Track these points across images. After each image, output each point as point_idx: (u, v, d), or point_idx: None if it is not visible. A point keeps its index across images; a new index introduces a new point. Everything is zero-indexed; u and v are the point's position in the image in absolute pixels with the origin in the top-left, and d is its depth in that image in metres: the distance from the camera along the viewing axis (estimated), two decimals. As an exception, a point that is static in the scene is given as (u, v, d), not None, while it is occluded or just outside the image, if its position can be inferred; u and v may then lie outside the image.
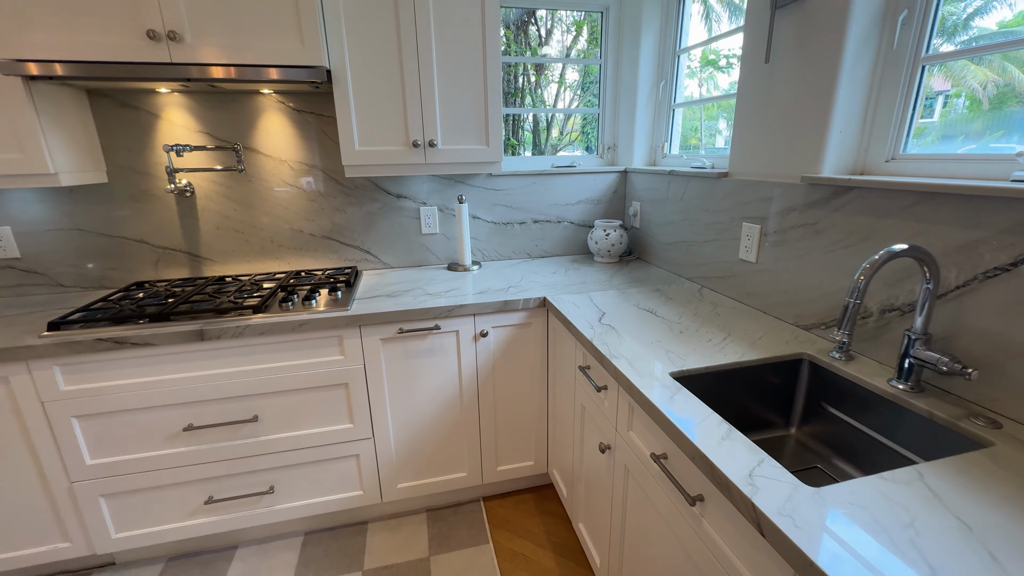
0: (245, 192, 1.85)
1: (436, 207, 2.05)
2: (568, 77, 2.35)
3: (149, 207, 1.78)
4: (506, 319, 1.63)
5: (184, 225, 1.83)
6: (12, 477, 1.40)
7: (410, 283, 1.82)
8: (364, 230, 2.00)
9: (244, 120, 1.78)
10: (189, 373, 1.44)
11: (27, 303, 1.67)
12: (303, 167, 1.87)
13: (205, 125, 1.75)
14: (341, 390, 1.57)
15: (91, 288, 1.81)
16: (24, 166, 1.43)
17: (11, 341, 1.30)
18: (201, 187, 1.81)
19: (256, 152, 1.82)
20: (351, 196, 1.95)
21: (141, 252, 1.82)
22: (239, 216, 1.86)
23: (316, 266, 1.99)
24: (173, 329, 1.37)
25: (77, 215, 1.74)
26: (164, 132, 1.73)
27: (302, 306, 1.54)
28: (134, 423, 1.44)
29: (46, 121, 1.44)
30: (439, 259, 2.12)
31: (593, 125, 2.38)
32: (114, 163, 1.72)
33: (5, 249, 1.70)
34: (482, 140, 1.74)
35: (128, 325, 1.39)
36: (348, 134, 1.61)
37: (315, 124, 1.84)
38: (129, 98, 1.67)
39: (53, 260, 1.76)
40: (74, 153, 1.55)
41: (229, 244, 1.88)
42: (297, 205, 1.91)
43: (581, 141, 2.47)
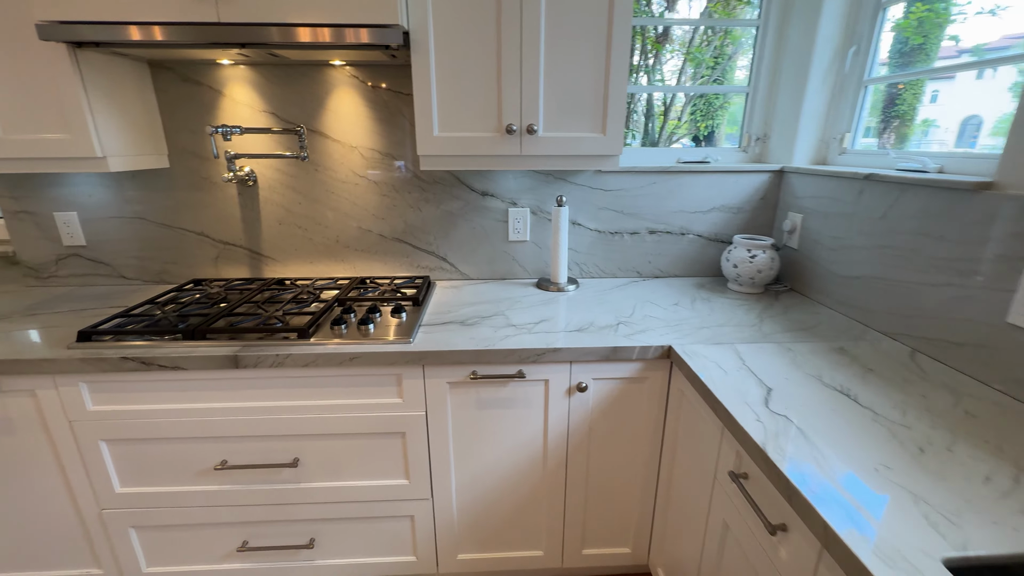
0: (310, 183, 1.59)
1: (528, 209, 1.65)
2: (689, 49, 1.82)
3: (210, 197, 1.58)
4: (613, 370, 1.21)
5: (245, 218, 1.61)
6: (45, 495, 1.26)
7: (490, 304, 1.46)
8: (441, 233, 1.67)
9: (312, 98, 1.51)
10: (223, 403, 1.19)
11: (86, 295, 1.54)
12: (376, 156, 1.57)
13: (270, 103, 1.50)
14: (396, 440, 1.25)
15: (151, 282, 1.67)
16: (68, 148, 1.25)
17: (37, 351, 1.13)
18: (264, 176, 1.57)
19: (324, 136, 1.54)
20: (428, 192, 1.62)
21: (201, 246, 1.64)
22: (303, 210, 1.61)
23: (384, 272, 1.70)
24: (205, 352, 1.13)
25: (139, 203, 1.58)
26: (227, 111, 1.50)
27: (357, 331, 1.23)
28: (164, 454, 1.23)
29: (95, 96, 1.25)
30: (527, 272, 1.73)
31: (703, 111, 1.84)
32: (175, 146, 1.53)
33: (72, 236, 1.60)
34: (596, 126, 1.31)
35: (160, 341, 1.17)
36: (426, 115, 1.26)
37: (393, 104, 1.52)
38: (191, 71, 1.46)
39: (116, 250, 1.63)
40: (129, 134, 1.37)
41: (291, 242, 1.64)
42: (366, 200, 1.62)
43: (686, 130, 1.94)
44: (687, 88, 1.86)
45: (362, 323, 1.25)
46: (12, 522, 1.28)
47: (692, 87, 1.85)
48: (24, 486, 1.24)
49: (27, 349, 1.15)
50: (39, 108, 1.22)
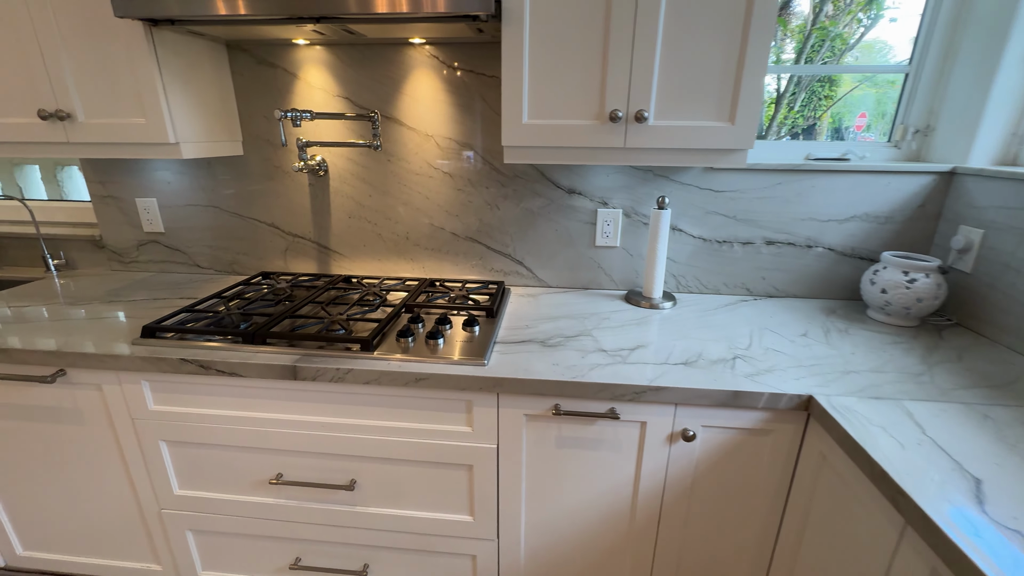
0: (382, 174, 1.46)
1: (620, 210, 1.43)
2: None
3: (281, 187, 1.51)
4: (729, 417, 0.97)
5: (315, 210, 1.52)
6: (110, 487, 1.24)
7: (574, 320, 1.26)
8: (519, 234, 1.49)
9: (388, 81, 1.37)
10: (280, 414, 1.10)
11: (161, 283, 1.53)
12: (452, 146, 1.41)
13: (344, 87, 1.39)
14: (462, 472, 1.10)
15: (223, 272, 1.63)
16: (143, 133, 1.20)
17: (104, 345, 1.09)
18: (335, 166, 1.47)
19: (398, 123, 1.41)
20: (508, 188, 1.44)
21: (271, 238, 1.57)
22: (373, 204, 1.50)
23: (455, 274, 1.55)
24: (263, 360, 1.03)
25: (213, 191, 1.54)
26: (301, 96, 1.41)
27: (425, 345, 1.08)
28: (221, 460, 1.16)
29: (170, 79, 1.19)
30: (613, 282, 1.51)
31: (804, 100, 1.51)
32: (250, 133, 1.46)
33: (151, 222, 1.59)
34: (722, 113, 1.06)
35: (220, 342, 1.08)
36: (515, 100, 1.07)
37: (474, 87, 1.36)
38: (267, 53, 1.38)
39: (191, 238, 1.60)
40: (203, 120, 1.30)
41: (360, 237, 1.54)
42: (441, 195, 1.47)
43: (786, 122, 1.62)
44: (846, 68, 1.53)
45: (431, 336, 1.10)
46: (80, 509, 1.28)
47: (848, 67, 1.53)
48: (92, 475, 1.23)
49: (96, 341, 1.11)
50: (117, 92, 1.18)
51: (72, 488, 1.25)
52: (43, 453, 1.22)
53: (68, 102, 1.19)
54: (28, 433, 1.20)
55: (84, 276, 1.61)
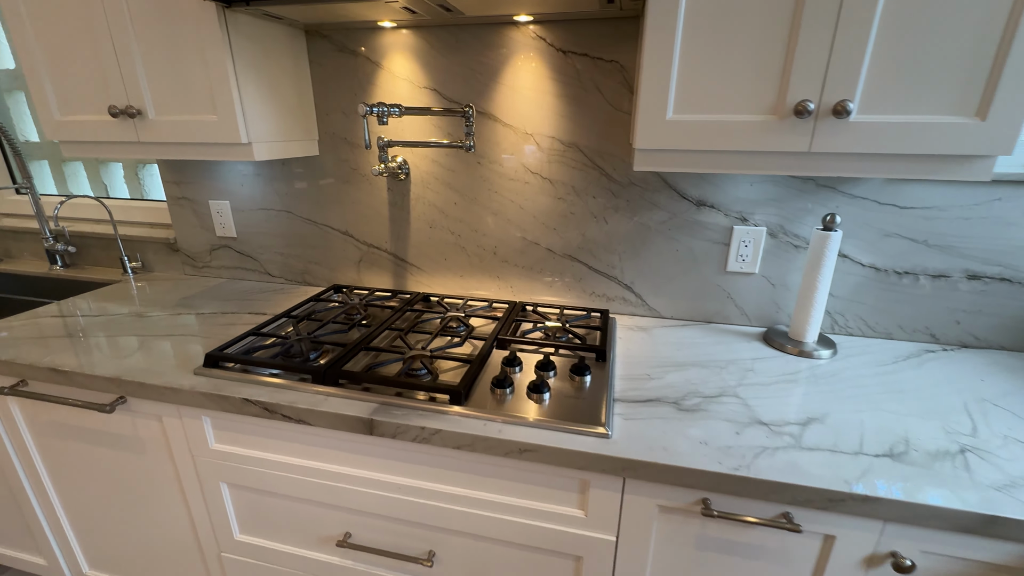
0: (471, 179, 1.26)
1: (764, 229, 1.13)
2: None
3: (358, 191, 1.34)
4: (970, 547, 0.68)
5: (393, 218, 1.34)
6: (170, 521, 1.13)
7: (707, 368, 0.99)
8: (629, 253, 1.23)
9: (484, 69, 1.15)
10: (352, 469, 0.92)
11: (231, 292, 1.42)
12: (556, 147, 1.18)
13: (433, 77, 1.19)
14: (568, 563, 0.87)
15: (293, 282, 1.51)
16: (214, 132, 1.06)
17: (164, 375, 0.96)
18: (418, 168, 1.28)
19: (493, 119, 1.19)
20: (620, 198, 1.19)
21: (345, 248, 1.42)
22: (459, 213, 1.29)
23: (549, 298, 1.32)
24: (335, 407, 0.85)
25: (286, 195, 1.40)
26: (384, 87, 1.22)
27: (527, 398, 0.86)
28: (286, 511, 1.01)
29: (244, 69, 1.04)
30: (746, 317, 1.22)
31: None
32: (326, 130, 1.30)
33: (224, 226, 1.48)
34: (967, 105, 0.74)
35: (287, 380, 0.92)
36: (657, 88, 0.81)
37: (588, 76, 1.11)
38: (349, 38, 1.20)
39: (262, 244, 1.48)
40: (279, 116, 1.15)
41: (441, 250, 1.34)
42: (537, 204, 1.24)
43: None
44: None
45: (534, 389, 0.88)
46: (142, 537, 1.18)
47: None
48: (153, 506, 1.13)
49: (158, 367, 0.98)
50: (187, 85, 1.04)
51: (135, 515, 1.16)
52: (107, 477, 1.13)
53: (138, 97, 1.07)
54: (93, 456, 1.12)
55: (158, 280, 1.54)
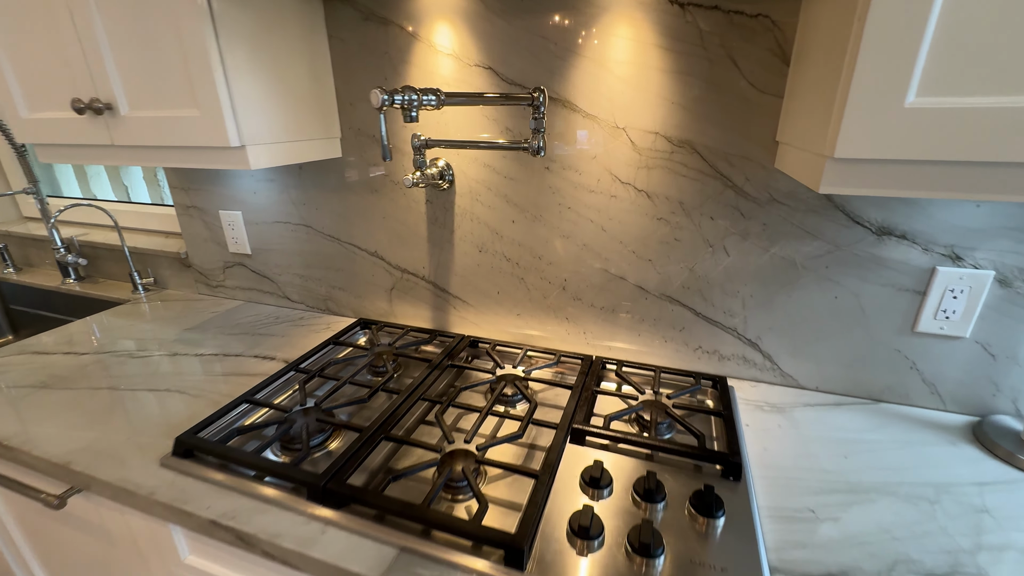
0: (535, 189, 0.93)
1: (991, 272, 0.73)
2: None
3: (390, 204, 1.05)
4: None
5: (433, 238, 1.04)
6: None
7: (899, 495, 0.63)
8: (758, 297, 0.86)
9: (560, 37, 0.81)
10: (362, 627, 0.64)
11: (245, 321, 1.18)
12: (659, 145, 0.83)
13: (489, 51, 0.86)
14: None
15: (315, 310, 1.25)
16: (197, 130, 0.79)
17: (121, 467, 0.71)
18: (465, 174, 0.97)
19: (569, 108, 0.85)
20: (753, 220, 0.82)
21: (374, 271, 1.14)
22: (517, 234, 0.97)
23: (636, 350, 0.98)
24: (331, 551, 0.57)
25: (304, 205, 1.13)
26: (423, 66, 0.91)
27: (626, 558, 0.54)
28: (279, 647, 0.75)
29: (232, 46, 0.76)
30: (938, 398, 0.83)
31: None
32: (349, 125, 1.01)
33: (237, 241, 1.24)
34: None
35: (276, 488, 0.65)
36: (895, 46, 0.45)
37: (715, 39, 0.74)
38: (378, 2, 0.90)
39: (280, 264, 1.23)
40: (285, 108, 0.87)
41: (494, 281, 1.03)
42: (626, 225, 0.90)
43: None
44: None
45: (638, 547, 0.55)
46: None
47: None
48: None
49: (119, 449, 0.74)
50: (162, 70, 0.78)
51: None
52: (86, 558, 0.92)
53: (106, 87, 0.82)
54: (69, 536, 0.91)
55: (170, 300, 1.33)
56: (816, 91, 0.56)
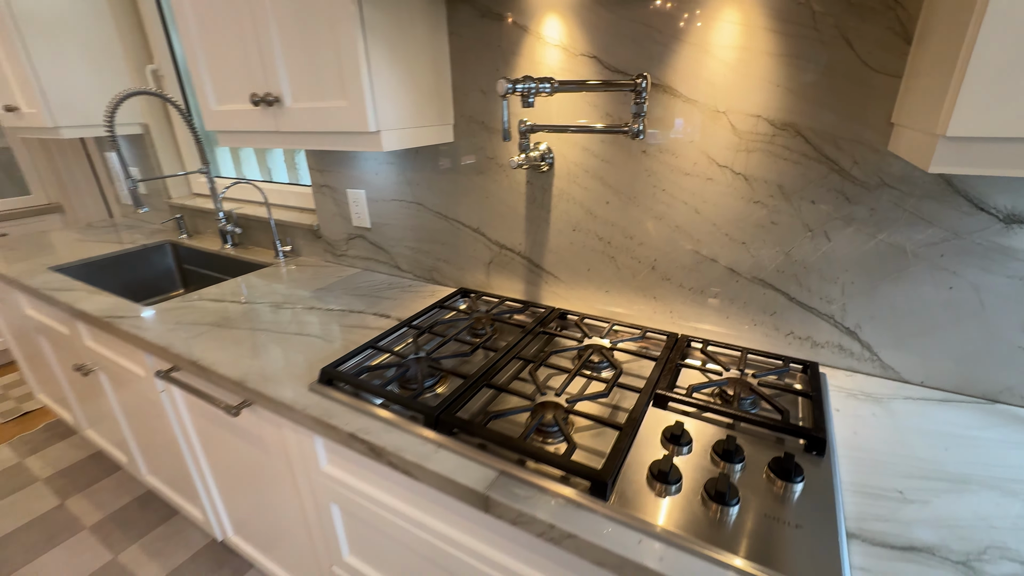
0: (631, 172, 0.98)
1: None
2: None
3: (493, 184, 1.16)
4: None
5: (530, 217, 1.14)
6: (291, 515, 1.11)
7: (1004, 490, 0.60)
8: (860, 284, 0.85)
9: (664, 24, 0.85)
10: (463, 537, 0.75)
11: (362, 285, 1.36)
12: (762, 128, 0.84)
13: (594, 41, 0.92)
14: None
15: (421, 279, 1.40)
16: (344, 119, 0.95)
17: (280, 386, 0.89)
18: (564, 157, 1.04)
19: (669, 93, 0.89)
20: (860, 205, 0.81)
21: (475, 247, 1.26)
22: (611, 214, 1.03)
23: (723, 332, 1.00)
24: (444, 465, 0.68)
25: (418, 185, 1.28)
26: (531, 57, 1.00)
27: (702, 505, 0.59)
28: (394, 551, 0.90)
29: (375, 44, 0.89)
30: (1070, 403, 0.76)
31: None
32: (463, 113, 1.13)
33: (359, 216, 1.43)
34: None
35: (398, 415, 0.78)
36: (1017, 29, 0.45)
37: (829, 20, 0.74)
38: (495, 0, 0.99)
39: (394, 237, 1.40)
40: (412, 98, 1.00)
41: (585, 259, 1.10)
42: (722, 208, 0.92)
43: None
44: None
45: (714, 494, 0.60)
46: (272, 521, 1.20)
47: None
48: (280, 498, 1.12)
49: (278, 374, 0.93)
50: (320, 68, 0.94)
51: (267, 500, 1.17)
52: (244, 461, 1.16)
53: (276, 84, 1.00)
54: (231, 440, 1.14)
55: (303, 266, 1.57)
56: (935, 68, 0.56)
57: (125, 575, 1.48)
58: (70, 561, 1.53)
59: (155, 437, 1.42)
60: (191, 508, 1.48)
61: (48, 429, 2.15)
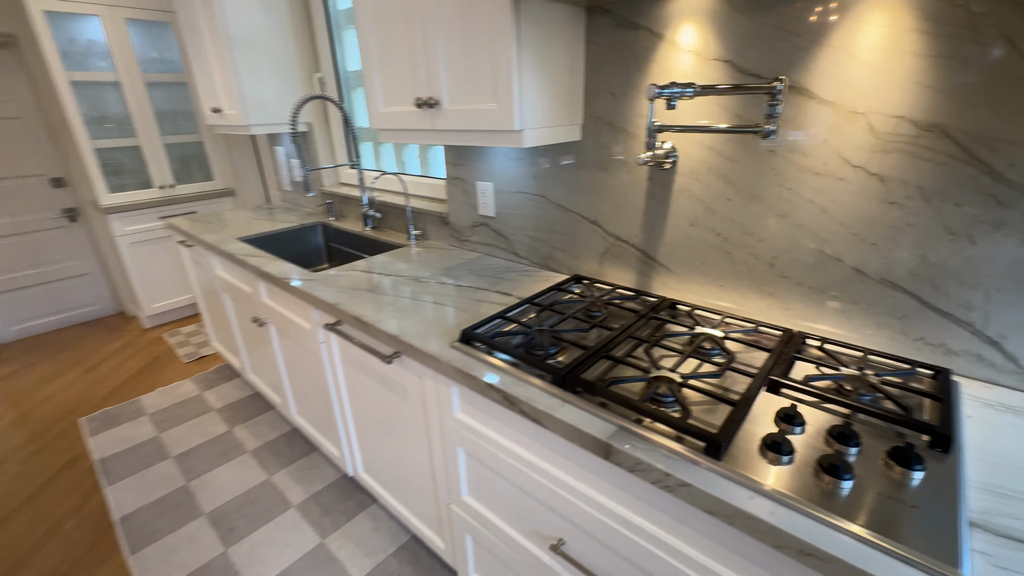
0: (756, 171, 1.02)
1: None
2: None
3: (614, 179, 1.25)
4: None
5: (648, 211, 1.21)
6: (418, 461, 1.31)
7: None
8: (1008, 291, 0.81)
9: (803, 28, 0.88)
10: (579, 483, 0.87)
11: (484, 268, 1.53)
12: (903, 129, 0.84)
13: (729, 46, 0.98)
14: None
15: (537, 266, 1.54)
16: (492, 119, 1.10)
17: (428, 342, 1.07)
18: (688, 156, 1.10)
19: (804, 95, 0.92)
20: (1013, 209, 0.78)
21: (591, 238, 1.36)
22: (730, 211, 1.08)
23: (843, 335, 1.00)
24: (571, 416, 0.80)
25: (543, 179, 1.41)
26: (663, 63, 1.07)
27: (813, 476, 0.64)
28: (510, 493, 1.04)
29: (527, 57, 1.03)
30: None
31: None
32: (591, 114, 1.24)
33: (486, 206, 1.60)
34: None
35: (525, 374, 0.91)
36: None
37: (989, 20, 0.73)
38: (632, 11, 1.08)
39: (515, 226, 1.55)
40: (550, 101, 1.13)
41: (700, 252, 1.15)
42: (851, 208, 0.92)
43: None
44: None
45: (827, 466, 0.64)
46: (398, 461, 1.41)
47: None
48: (409, 441, 1.32)
49: (424, 332, 1.11)
50: (475, 75, 1.10)
51: (396, 442, 1.39)
52: (381, 407, 1.37)
53: (437, 89, 1.19)
54: (373, 388, 1.37)
55: (431, 248, 1.78)
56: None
57: (277, 492, 1.80)
58: (237, 476, 1.90)
59: (308, 383, 1.71)
60: (330, 446, 1.76)
61: (219, 371, 2.64)
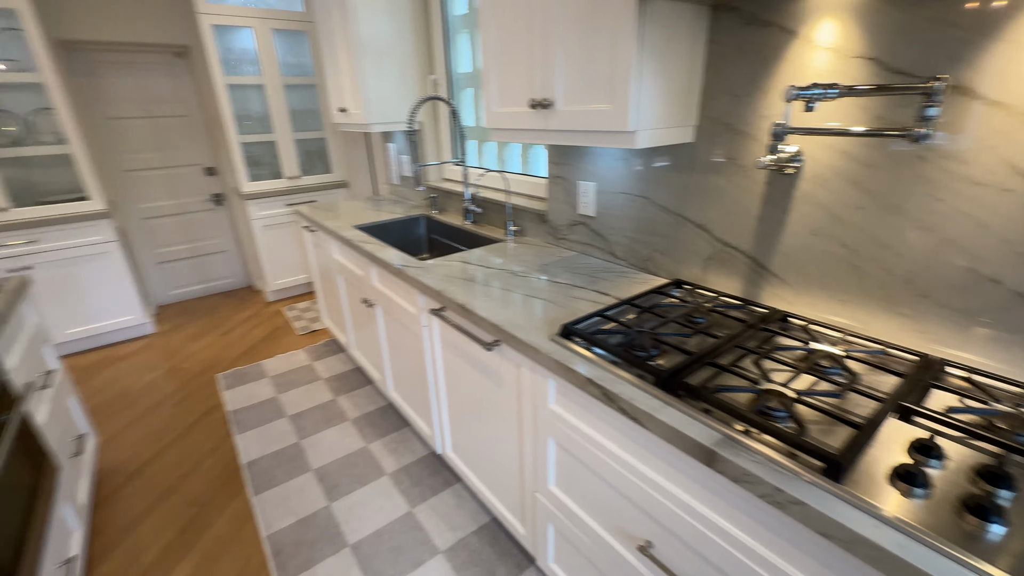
0: (899, 179, 0.93)
1: None
2: None
3: (728, 184, 1.21)
4: None
5: (764, 217, 1.15)
6: (506, 447, 1.37)
7: None
8: None
9: (970, 20, 0.79)
10: (675, 488, 0.86)
11: (580, 267, 1.55)
12: (1097, 134, 0.72)
13: (875, 42, 0.90)
14: None
15: (634, 267, 1.52)
16: (606, 120, 1.11)
17: (530, 333, 1.12)
18: (817, 161, 1.04)
19: (970, 96, 0.82)
20: None
21: (696, 242, 1.32)
22: (862, 221, 0.99)
23: (994, 367, 0.88)
24: (673, 419, 0.80)
25: (648, 181, 1.40)
26: (796, 62, 1.02)
27: (954, 515, 0.59)
28: (599, 489, 1.06)
29: (647, 58, 1.03)
30: None
31: None
32: (707, 115, 1.20)
33: (586, 205, 1.62)
34: None
35: (626, 373, 0.92)
36: None
37: None
38: (760, 8, 1.04)
39: (614, 226, 1.55)
40: (666, 102, 1.12)
41: (820, 264, 1.08)
42: (1017, 224, 0.82)
43: None
44: None
45: (974, 507, 0.58)
46: (486, 445, 1.48)
47: None
48: (499, 427, 1.38)
49: (524, 324, 1.16)
50: (591, 77, 1.12)
51: (486, 426, 1.46)
52: (475, 392, 1.45)
53: (552, 90, 1.23)
54: (469, 373, 1.45)
55: (527, 245, 1.84)
56: None
57: (373, 460, 1.97)
58: (340, 440, 2.10)
59: (406, 363, 1.85)
60: (421, 423, 1.89)
61: (327, 345, 2.94)
